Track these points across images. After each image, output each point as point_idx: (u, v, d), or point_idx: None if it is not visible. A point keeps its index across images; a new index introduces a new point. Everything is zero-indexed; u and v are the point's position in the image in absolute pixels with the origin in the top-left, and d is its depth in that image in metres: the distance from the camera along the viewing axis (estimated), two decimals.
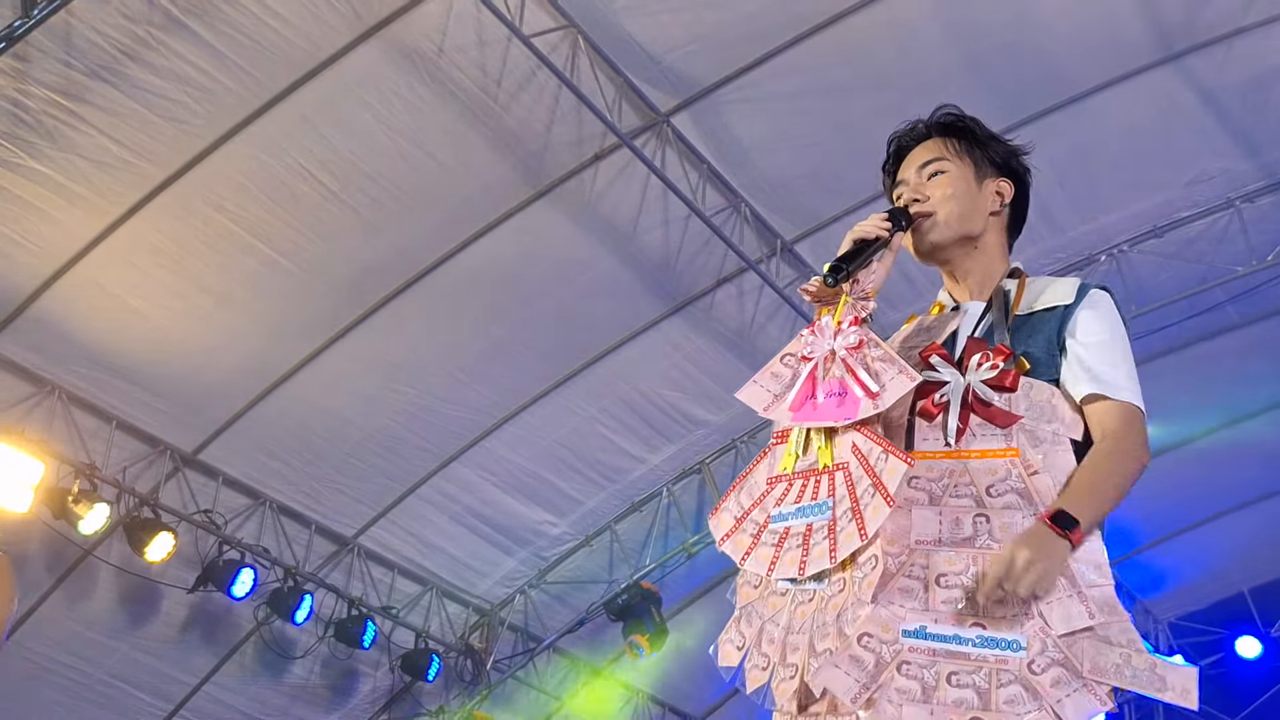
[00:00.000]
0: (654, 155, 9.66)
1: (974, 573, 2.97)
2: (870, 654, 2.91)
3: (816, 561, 3.01)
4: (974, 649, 2.91)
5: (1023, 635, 2.91)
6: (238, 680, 11.66)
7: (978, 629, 2.92)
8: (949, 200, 3.41)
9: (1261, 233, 10.80)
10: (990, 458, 3.09)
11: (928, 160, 3.47)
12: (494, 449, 11.52)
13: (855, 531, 2.96)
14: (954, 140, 3.50)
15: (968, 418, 3.15)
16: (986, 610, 2.94)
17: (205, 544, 10.73)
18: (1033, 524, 2.99)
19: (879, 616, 2.94)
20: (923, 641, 2.93)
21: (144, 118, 8.53)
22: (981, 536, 3.01)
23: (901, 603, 2.97)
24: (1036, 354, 3.24)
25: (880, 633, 2.93)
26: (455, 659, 12.63)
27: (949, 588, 2.97)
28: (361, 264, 9.86)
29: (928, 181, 3.44)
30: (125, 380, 9.81)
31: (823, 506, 3.06)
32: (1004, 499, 3.04)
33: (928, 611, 2.96)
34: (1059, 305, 3.32)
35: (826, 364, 3.16)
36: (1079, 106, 10.06)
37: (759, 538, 3.14)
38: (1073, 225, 10.93)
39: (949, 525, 3.03)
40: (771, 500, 3.17)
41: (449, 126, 9.28)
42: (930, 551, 3.02)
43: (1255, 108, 10.22)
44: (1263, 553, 15.07)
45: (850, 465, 3.07)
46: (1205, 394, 12.80)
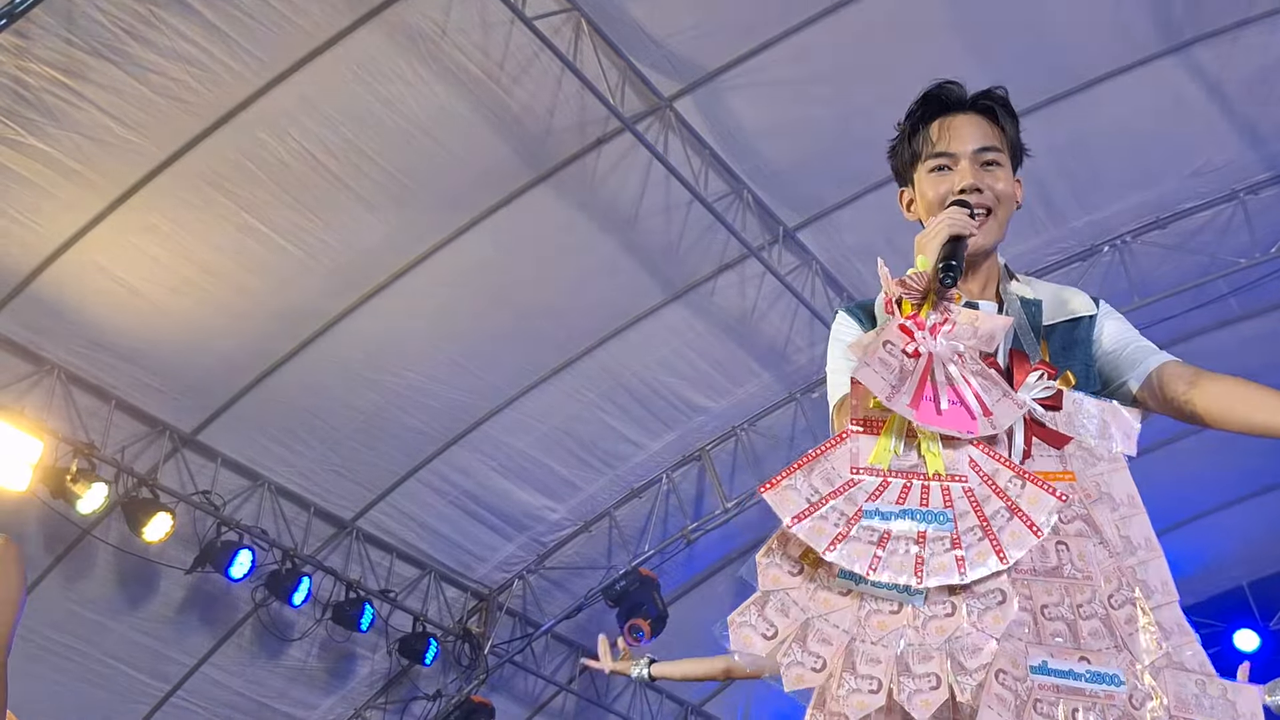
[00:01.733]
0: (656, 140, 9.64)
1: (1069, 604, 2.87)
2: (1009, 692, 2.80)
3: (938, 573, 2.78)
4: (1086, 684, 2.82)
5: (1119, 670, 2.84)
6: (235, 661, 11.66)
7: (1085, 663, 2.83)
8: (1006, 200, 3.22)
9: (1265, 225, 10.79)
10: (1054, 480, 2.92)
11: (985, 146, 3.22)
12: (494, 434, 11.51)
13: (991, 553, 2.79)
14: (1003, 129, 3.27)
15: (1030, 439, 2.97)
16: (1085, 643, 2.85)
17: (203, 525, 10.72)
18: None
19: (1006, 651, 2.82)
20: (1047, 678, 2.82)
21: (145, 97, 8.51)
22: (1066, 566, 2.90)
23: (1019, 636, 2.85)
24: (1076, 370, 3.14)
25: (1012, 669, 2.82)
26: (453, 643, 12.62)
27: (1052, 620, 2.87)
28: (362, 246, 9.84)
29: (984, 170, 3.20)
30: (124, 360, 9.79)
31: (940, 516, 2.83)
32: (1074, 525, 2.93)
33: (1041, 645, 2.85)
34: (1084, 315, 3.27)
35: (939, 367, 2.93)
36: (1083, 96, 10.05)
37: (848, 530, 2.84)
38: (1076, 216, 10.92)
39: (1037, 554, 2.88)
40: (862, 493, 2.88)
41: (451, 109, 9.26)
42: (1030, 581, 2.89)
43: (1260, 99, 10.21)
44: (1262, 547, 15.08)
45: (970, 480, 2.88)
46: None
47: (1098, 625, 2.85)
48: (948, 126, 3.24)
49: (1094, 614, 2.86)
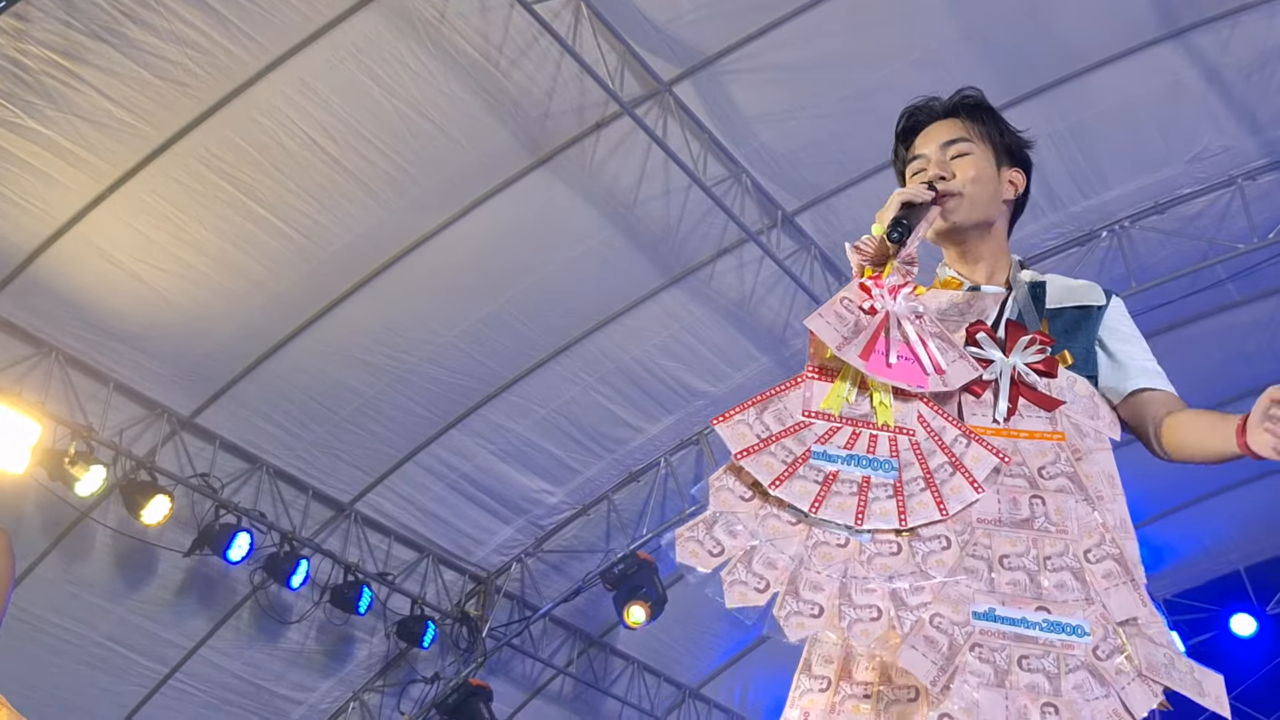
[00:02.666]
0: (655, 124, 9.64)
1: (1034, 555, 2.98)
2: (944, 635, 2.89)
3: (880, 518, 2.95)
4: (1041, 633, 2.91)
5: (1085, 621, 2.91)
6: (233, 644, 11.67)
7: (1043, 613, 2.92)
8: (974, 183, 3.40)
9: (1263, 210, 10.80)
10: (1040, 439, 3.11)
11: (952, 139, 3.45)
12: (492, 417, 11.51)
13: (931, 503, 2.95)
14: (976, 123, 3.49)
15: (1016, 398, 3.15)
16: (1048, 594, 2.94)
17: (202, 508, 10.73)
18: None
19: (948, 596, 2.92)
20: (993, 624, 2.91)
21: (144, 79, 8.51)
22: (1039, 519, 3.01)
23: (968, 583, 2.95)
24: (1077, 352, 3.29)
25: (951, 613, 2.91)
26: (451, 626, 12.64)
27: (1012, 569, 2.97)
28: (361, 229, 9.84)
29: (951, 160, 3.42)
30: (123, 342, 9.80)
31: (885, 465, 3.01)
32: (1056, 481, 3.05)
33: (994, 593, 2.94)
34: (1092, 305, 3.40)
35: (895, 325, 3.12)
36: (1082, 81, 10.05)
37: (794, 468, 3.01)
38: (1075, 200, 10.92)
39: (1007, 505, 3.02)
40: (812, 435, 3.06)
41: (450, 93, 9.25)
42: (992, 531, 3.01)
43: (1259, 85, 10.21)
44: (1259, 531, 15.11)
45: (918, 434, 3.05)
46: (1205, 370, 12.77)
47: (1067, 578, 2.95)
48: (923, 134, 3.50)
49: (1064, 566, 2.96)
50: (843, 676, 3.03)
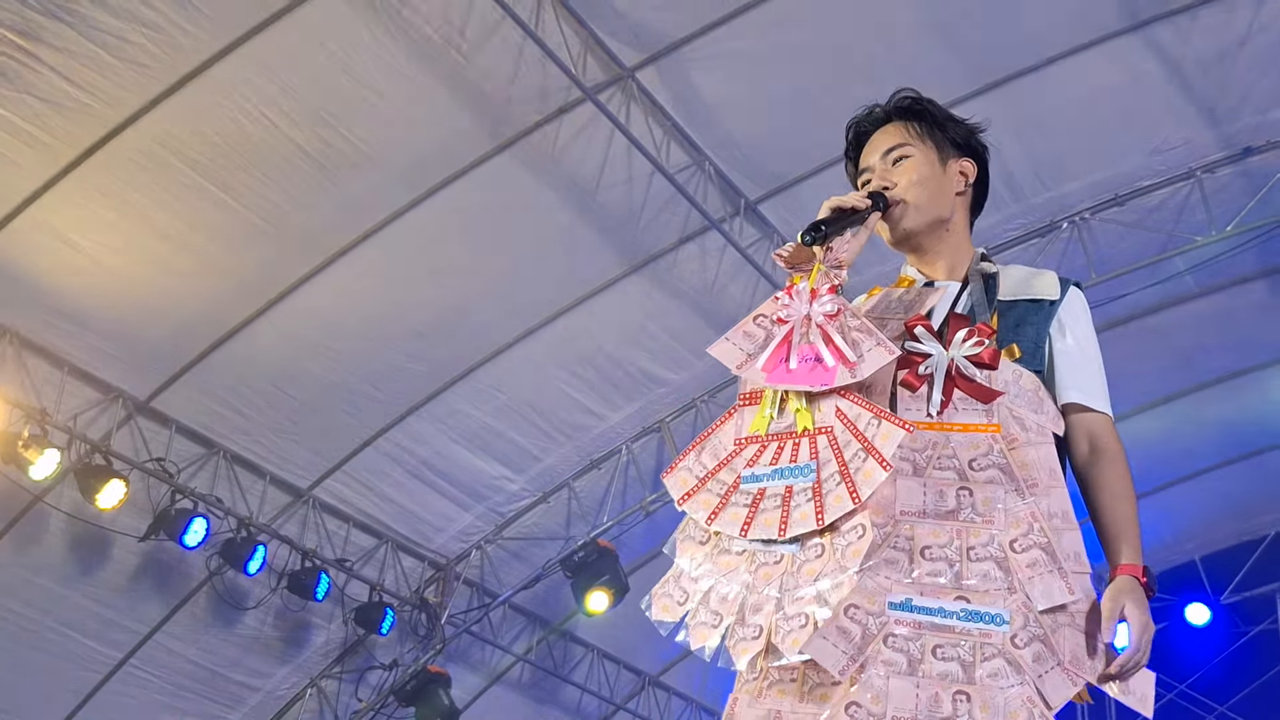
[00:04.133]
0: (618, 111, 9.61)
1: (958, 546, 2.99)
2: (857, 625, 2.91)
3: (799, 524, 2.97)
4: (958, 622, 2.93)
5: (1005, 610, 2.93)
6: (189, 630, 11.61)
7: (962, 602, 2.94)
8: (916, 185, 3.40)
9: (1221, 203, 10.84)
10: (973, 431, 3.11)
11: (891, 146, 3.46)
12: (452, 403, 11.47)
13: (845, 495, 2.94)
14: (914, 124, 3.50)
15: (950, 391, 3.16)
16: (969, 584, 2.96)
17: (158, 492, 10.66)
18: (1126, 581, 3.12)
19: (865, 587, 2.94)
20: (908, 614, 2.94)
21: (100, 59, 8.42)
22: (965, 510, 3.03)
23: (887, 574, 2.97)
24: (1025, 345, 3.29)
25: (866, 604, 2.93)
26: (410, 613, 12.61)
27: (933, 560, 2.98)
28: (321, 213, 9.78)
29: (893, 167, 3.44)
30: (78, 325, 9.72)
31: (805, 470, 3.02)
32: (986, 473, 3.06)
33: (913, 584, 2.97)
34: (1045, 299, 3.38)
35: (802, 329, 3.13)
36: (1043, 73, 10.06)
37: (728, 497, 3.08)
38: (1035, 192, 10.95)
39: (933, 497, 3.04)
40: (742, 461, 3.12)
41: (411, 76, 9.20)
42: (914, 523, 3.02)
43: (1218, 79, 10.25)
44: (1214, 521, 15.20)
45: (835, 429, 3.05)
46: (1162, 362, 12.87)
47: (990, 568, 2.97)
48: (867, 146, 3.52)
49: (988, 556, 2.99)
50: (766, 654, 3.04)
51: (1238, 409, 13.44)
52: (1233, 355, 12.96)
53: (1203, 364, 13.05)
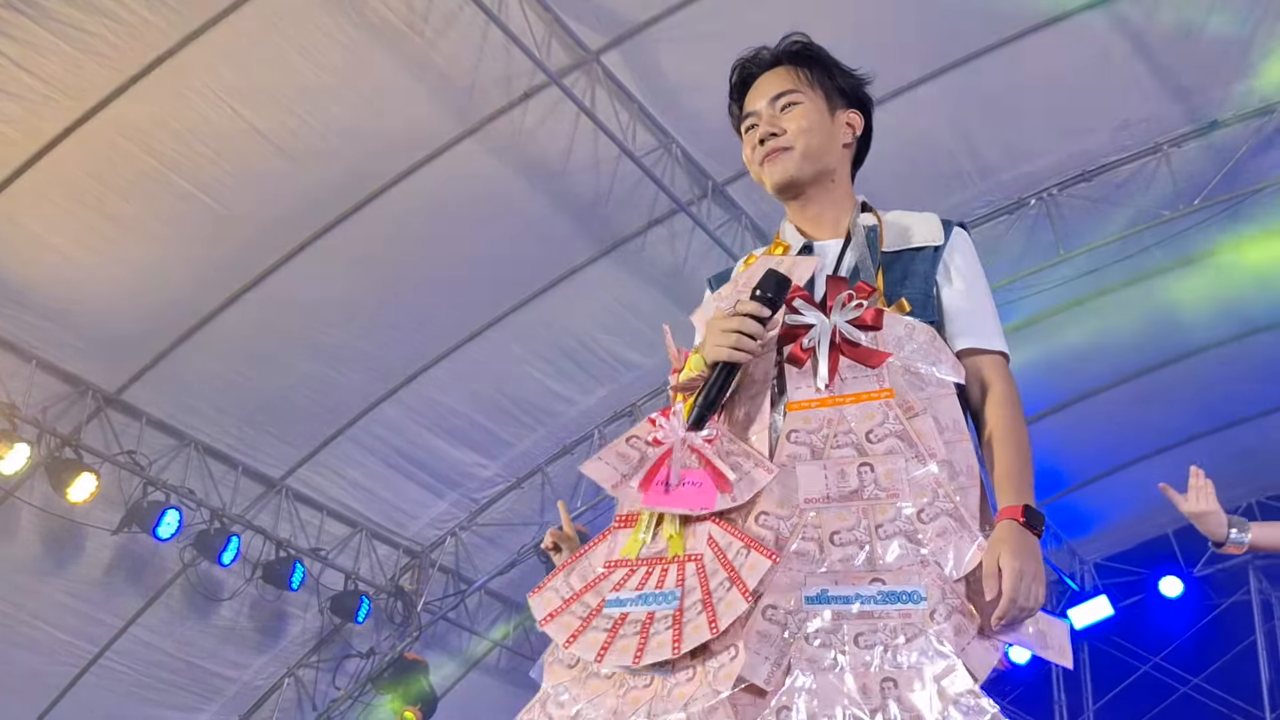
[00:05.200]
0: (584, 94, 9.58)
1: (866, 525, 2.92)
2: (776, 626, 2.85)
3: (655, 651, 2.87)
4: (876, 606, 2.85)
5: (922, 586, 2.86)
6: (164, 622, 11.59)
7: (878, 584, 2.87)
8: (805, 133, 3.34)
9: (1188, 177, 10.88)
10: (866, 401, 3.04)
11: (780, 91, 3.39)
12: (424, 391, 11.46)
13: (705, 624, 2.85)
14: (805, 70, 3.42)
15: (837, 360, 3.08)
16: (882, 563, 2.89)
17: (130, 485, 10.63)
18: (1003, 529, 2.96)
19: (780, 584, 2.88)
20: (826, 605, 2.87)
21: (61, 51, 8.37)
22: (868, 487, 2.96)
23: (799, 567, 2.91)
24: (914, 297, 3.21)
25: (784, 603, 2.87)
26: (385, 601, 12.61)
27: (843, 545, 2.92)
28: (287, 202, 9.74)
29: (781, 114, 3.37)
30: (45, 319, 9.66)
31: (669, 596, 2.94)
32: (885, 444, 2.99)
33: (826, 573, 2.90)
34: (928, 246, 3.29)
35: (680, 451, 3.06)
36: (1009, 49, 10.05)
37: (589, 621, 2.99)
38: (1003, 169, 10.96)
39: (835, 479, 2.97)
40: (609, 585, 3.04)
41: (375, 63, 9.16)
42: (820, 509, 2.96)
43: (1183, 54, 10.25)
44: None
45: (705, 557, 2.97)
46: (1131, 337, 12.90)
47: (901, 543, 2.91)
48: (754, 89, 3.46)
49: (897, 531, 2.92)
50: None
51: (1209, 382, 13.49)
52: (1200, 329, 12.99)
53: (1173, 338, 13.09)
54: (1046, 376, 13.21)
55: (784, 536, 2.94)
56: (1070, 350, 12.83)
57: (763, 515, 2.97)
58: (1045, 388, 13.42)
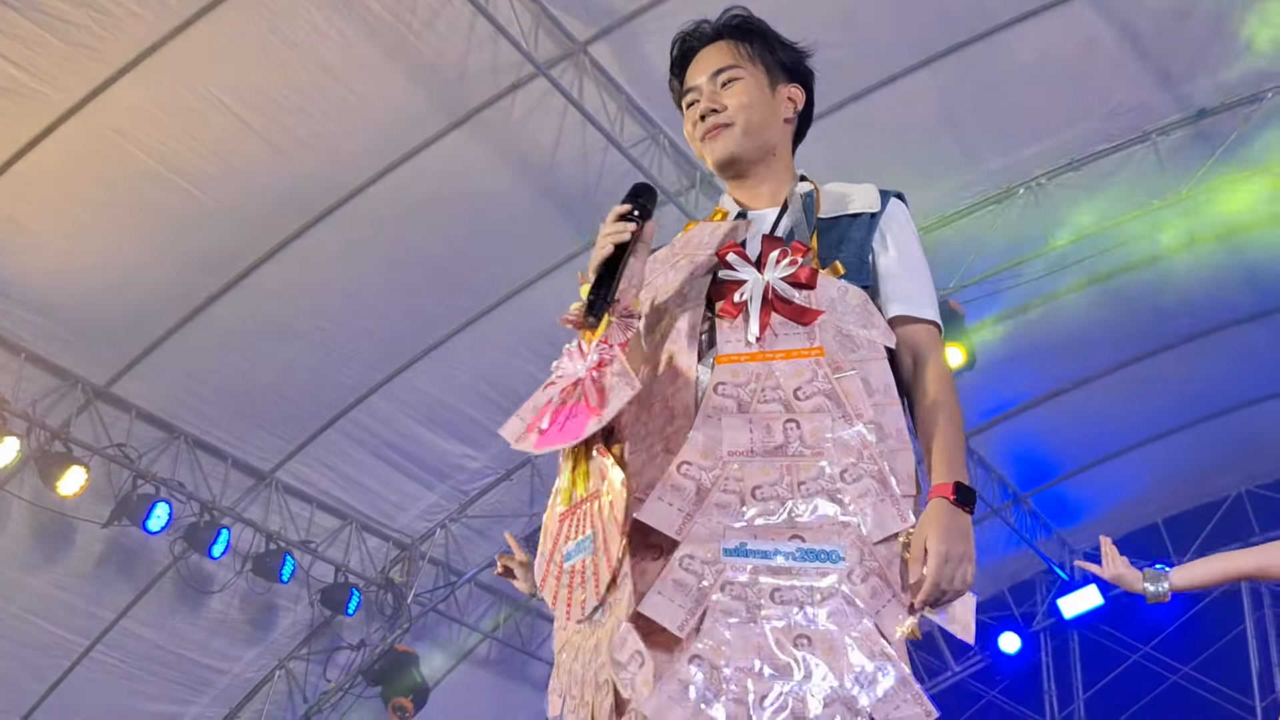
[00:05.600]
0: (572, 85, 9.58)
1: (788, 482, 2.91)
2: (693, 576, 2.85)
3: (590, 600, 2.93)
4: (794, 563, 2.85)
5: (841, 546, 2.86)
6: (154, 615, 11.58)
7: (797, 541, 2.86)
8: (746, 109, 3.32)
9: (1176, 165, 10.87)
10: (795, 358, 3.03)
11: (721, 67, 3.37)
12: (413, 382, 11.45)
13: (605, 564, 2.90)
14: (745, 44, 3.40)
15: (769, 316, 3.07)
16: (803, 521, 2.88)
17: (119, 478, 10.62)
18: (933, 507, 2.97)
19: (698, 535, 2.88)
20: (744, 559, 2.86)
21: (48, 43, 8.36)
22: (793, 443, 2.94)
23: (719, 519, 2.90)
24: (849, 262, 3.20)
25: (702, 553, 2.86)
26: (375, 593, 12.60)
27: (764, 500, 2.90)
28: (276, 195, 9.73)
29: (722, 89, 3.34)
30: (34, 312, 9.65)
31: (587, 542, 2.98)
32: (812, 401, 2.98)
33: (746, 527, 2.88)
34: (865, 213, 3.28)
35: (577, 388, 3.05)
36: (997, 38, 10.06)
37: (558, 580, 3.05)
38: (991, 158, 10.97)
39: (760, 433, 2.95)
40: (563, 538, 3.08)
41: (363, 55, 9.15)
42: (744, 463, 2.94)
43: (1171, 41, 10.28)
44: (1177, 484, 15.29)
45: (601, 492, 2.99)
46: (1121, 326, 12.92)
47: (821, 502, 2.90)
48: (694, 63, 3.43)
49: (819, 490, 2.91)
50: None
51: (1197, 371, 13.51)
52: (1189, 317, 13.02)
53: (1161, 327, 13.11)
54: (1035, 365, 13.25)
55: (705, 487, 2.92)
56: (1059, 339, 12.85)
57: (685, 465, 2.94)
58: (1034, 377, 13.46)
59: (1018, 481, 14.71)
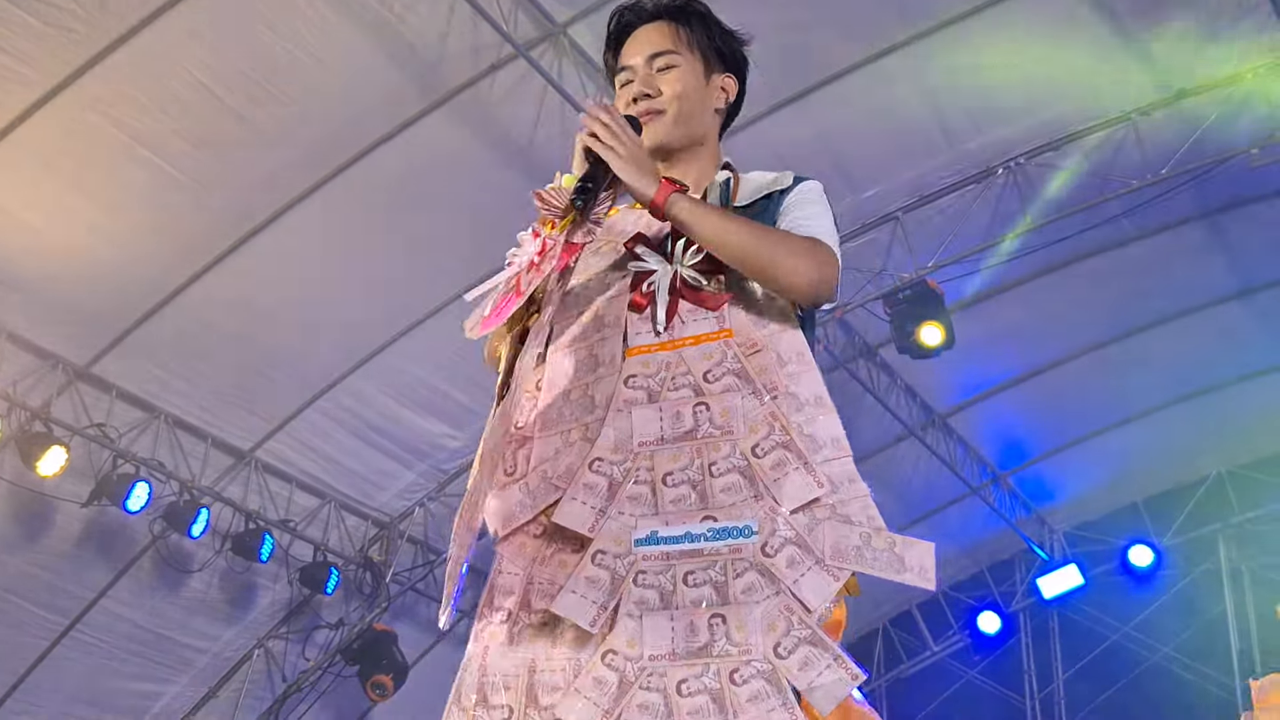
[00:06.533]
0: (551, 66, 9.57)
1: (699, 465, 2.89)
2: (605, 571, 2.85)
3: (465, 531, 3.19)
4: (706, 543, 2.83)
5: (754, 520, 2.82)
6: (134, 594, 11.59)
7: (709, 522, 2.84)
8: (680, 98, 3.26)
9: (1156, 146, 10.90)
10: (704, 342, 3.01)
11: (659, 51, 3.29)
12: (392, 362, 11.45)
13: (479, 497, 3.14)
14: (685, 28, 3.32)
15: (676, 305, 3.05)
16: (714, 501, 2.86)
17: (99, 458, 10.61)
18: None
19: (609, 531, 2.88)
20: (655, 547, 2.85)
21: (30, 26, 8.33)
22: (703, 425, 2.93)
23: (631, 511, 2.89)
24: None
25: (613, 547, 2.86)
26: (354, 572, 12.62)
27: (675, 485, 2.89)
28: (255, 175, 9.72)
29: (657, 74, 3.27)
30: (15, 292, 9.63)
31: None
32: (722, 382, 2.96)
33: (658, 515, 2.87)
34: (775, 192, 3.23)
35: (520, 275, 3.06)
36: (977, 18, 10.06)
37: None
38: (970, 138, 10.98)
39: (670, 420, 2.95)
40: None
41: (343, 36, 9.13)
42: (654, 452, 2.93)
43: (1151, 20, 10.27)
44: (1156, 463, 15.34)
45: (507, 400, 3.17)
46: (1101, 306, 12.96)
47: (734, 479, 2.88)
48: (631, 41, 3.33)
49: (731, 468, 2.88)
50: (522, 607, 2.99)
51: (1177, 351, 13.56)
52: (1169, 298, 13.06)
53: (1141, 307, 13.15)
54: (1015, 345, 13.28)
55: (617, 481, 2.92)
56: (1039, 318, 12.90)
57: (596, 461, 2.95)
58: (1013, 356, 13.50)
59: (997, 461, 14.76)
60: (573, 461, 3.00)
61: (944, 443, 14.03)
